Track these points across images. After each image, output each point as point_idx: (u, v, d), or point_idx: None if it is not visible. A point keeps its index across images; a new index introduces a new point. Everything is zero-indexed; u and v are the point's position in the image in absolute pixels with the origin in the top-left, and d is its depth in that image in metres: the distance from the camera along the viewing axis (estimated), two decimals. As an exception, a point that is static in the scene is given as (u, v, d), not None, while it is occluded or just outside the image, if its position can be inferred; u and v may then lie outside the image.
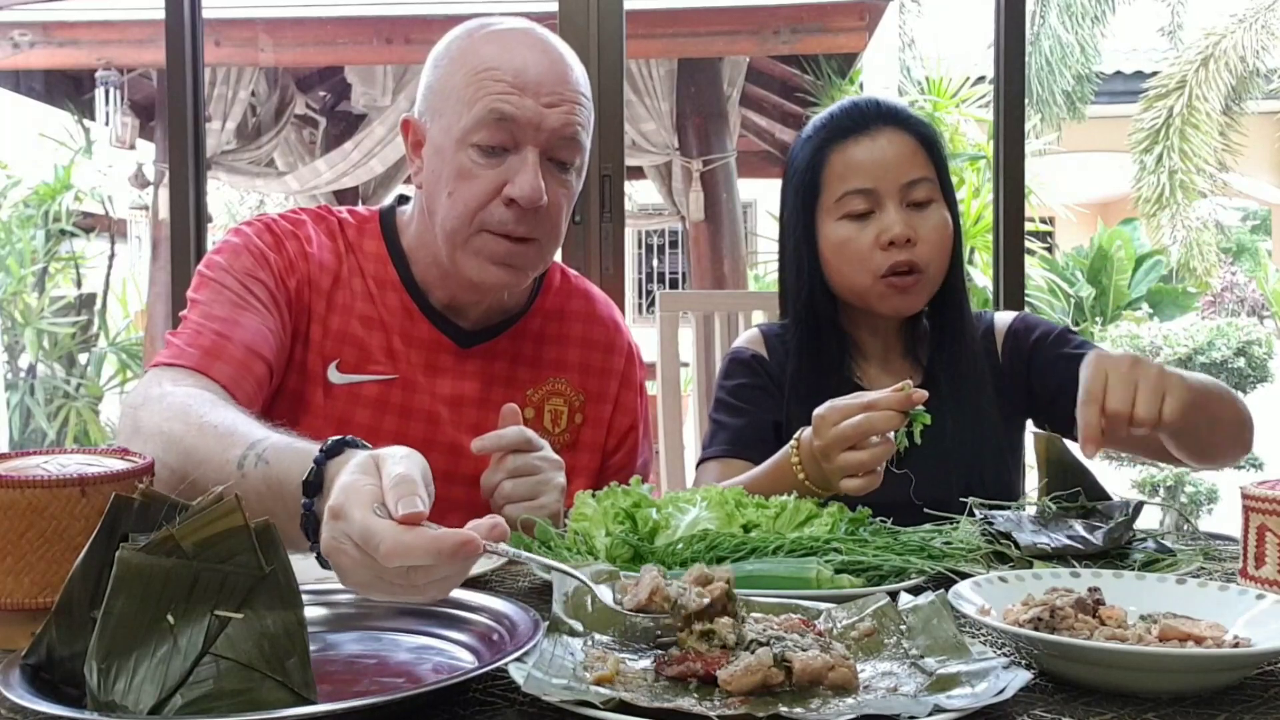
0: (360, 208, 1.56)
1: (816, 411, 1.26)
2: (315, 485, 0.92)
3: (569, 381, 1.55)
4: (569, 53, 1.43)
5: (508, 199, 1.36)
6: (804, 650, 0.75)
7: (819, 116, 1.62)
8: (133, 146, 6.07)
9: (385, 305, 1.47)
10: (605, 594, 0.86)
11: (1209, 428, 1.38)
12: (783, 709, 0.71)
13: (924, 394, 1.21)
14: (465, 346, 1.49)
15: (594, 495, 1.20)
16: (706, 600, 0.81)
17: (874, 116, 1.56)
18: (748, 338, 1.73)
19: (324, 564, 0.89)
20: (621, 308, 2.78)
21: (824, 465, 1.25)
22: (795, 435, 1.33)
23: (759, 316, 2.26)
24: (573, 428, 1.55)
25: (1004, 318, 1.69)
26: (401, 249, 1.49)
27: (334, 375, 1.44)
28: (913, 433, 1.22)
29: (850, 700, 0.73)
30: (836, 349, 1.60)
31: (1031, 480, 1.52)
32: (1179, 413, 1.21)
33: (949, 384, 1.55)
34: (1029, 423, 1.68)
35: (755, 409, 1.60)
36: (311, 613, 0.80)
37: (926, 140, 1.56)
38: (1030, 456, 1.60)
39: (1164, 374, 1.24)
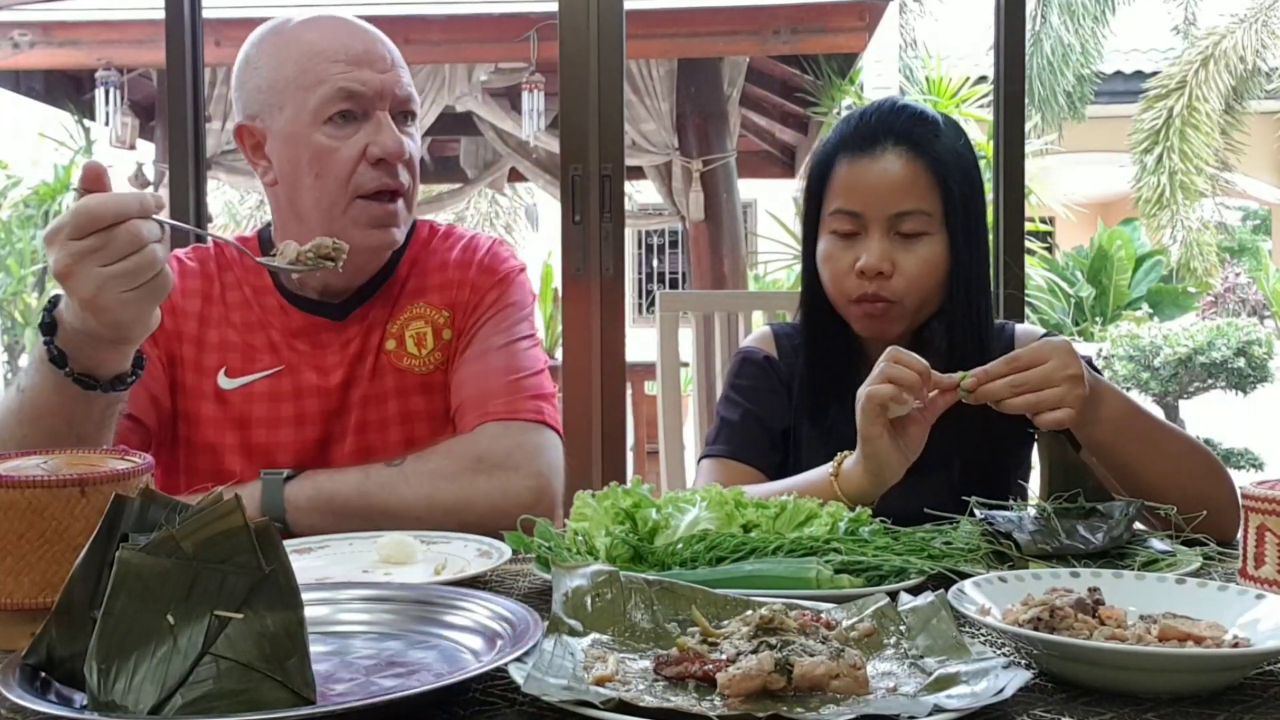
0: (250, 233, 1.66)
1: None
2: (51, 326, 1.17)
3: (429, 303, 1.57)
4: (374, 27, 1.53)
5: (374, 159, 1.45)
6: (812, 655, 0.75)
7: (843, 118, 1.60)
8: (133, 146, 6.07)
9: (263, 307, 1.55)
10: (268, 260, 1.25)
11: (1126, 467, 1.35)
12: (783, 709, 0.71)
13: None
14: (342, 319, 1.55)
15: (594, 496, 1.20)
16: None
17: (885, 132, 1.49)
18: (759, 337, 1.70)
19: (85, 384, 1.19)
20: (621, 308, 2.79)
21: (860, 409, 1.30)
22: (836, 459, 1.36)
23: (759, 316, 2.26)
24: (442, 344, 1.55)
25: (1030, 330, 1.65)
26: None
27: (224, 381, 1.52)
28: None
29: (850, 700, 0.73)
30: (844, 356, 1.58)
31: (1032, 479, 1.52)
32: (1053, 424, 1.26)
33: (957, 403, 1.53)
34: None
35: (762, 412, 1.59)
36: (312, 613, 0.79)
37: (936, 166, 1.48)
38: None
39: (1090, 394, 1.27)
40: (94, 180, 1.11)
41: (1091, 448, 1.36)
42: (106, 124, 5.76)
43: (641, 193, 7.44)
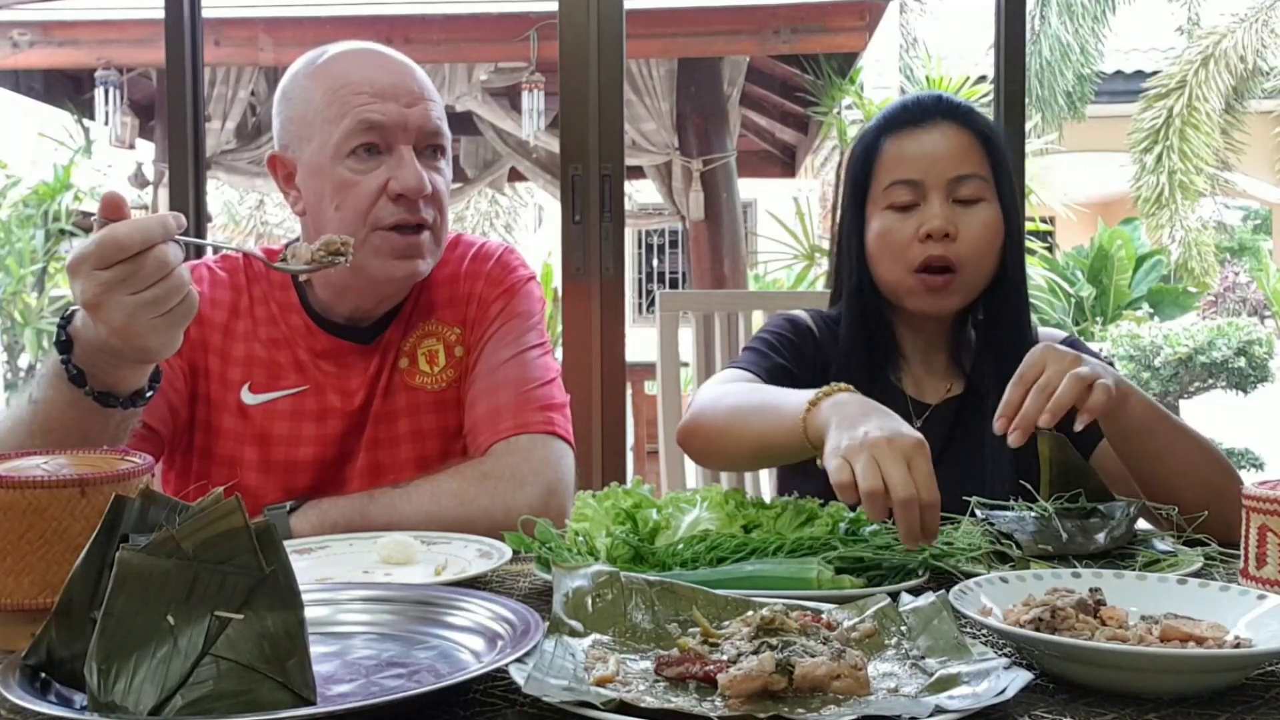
0: (280, 245, 1.65)
1: (863, 437, 1.10)
2: (67, 343, 1.15)
3: (440, 319, 1.56)
4: (409, 60, 1.51)
5: (394, 194, 1.43)
6: (813, 656, 0.75)
7: (882, 110, 1.62)
8: (132, 146, 6.07)
9: (289, 325, 1.53)
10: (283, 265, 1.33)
11: (1156, 456, 1.34)
12: (784, 710, 0.71)
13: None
14: (368, 343, 1.54)
15: (594, 496, 1.20)
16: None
17: (933, 110, 1.54)
18: (802, 314, 1.66)
19: (104, 401, 1.16)
20: (621, 308, 2.78)
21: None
22: (823, 391, 1.21)
23: (759, 316, 2.25)
24: (454, 361, 1.55)
25: (1052, 334, 1.65)
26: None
27: (247, 397, 1.51)
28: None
29: (852, 701, 0.73)
30: (884, 350, 1.58)
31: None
32: (1103, 403, 1.20)
33: (994, 396, 1.51)
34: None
35: (788, 363, 1.55)
36: (312, 613, 0.79)
37: (984, 137, 1.54)
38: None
39: (1099, 375, 1.22)
40: (114, 209, 1.08)
41: (1121, 435, 1.35)
42: (106, 123, 5.76)
43: (641, 193, 7.44)
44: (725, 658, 0.77)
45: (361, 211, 1.43)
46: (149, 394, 1.23)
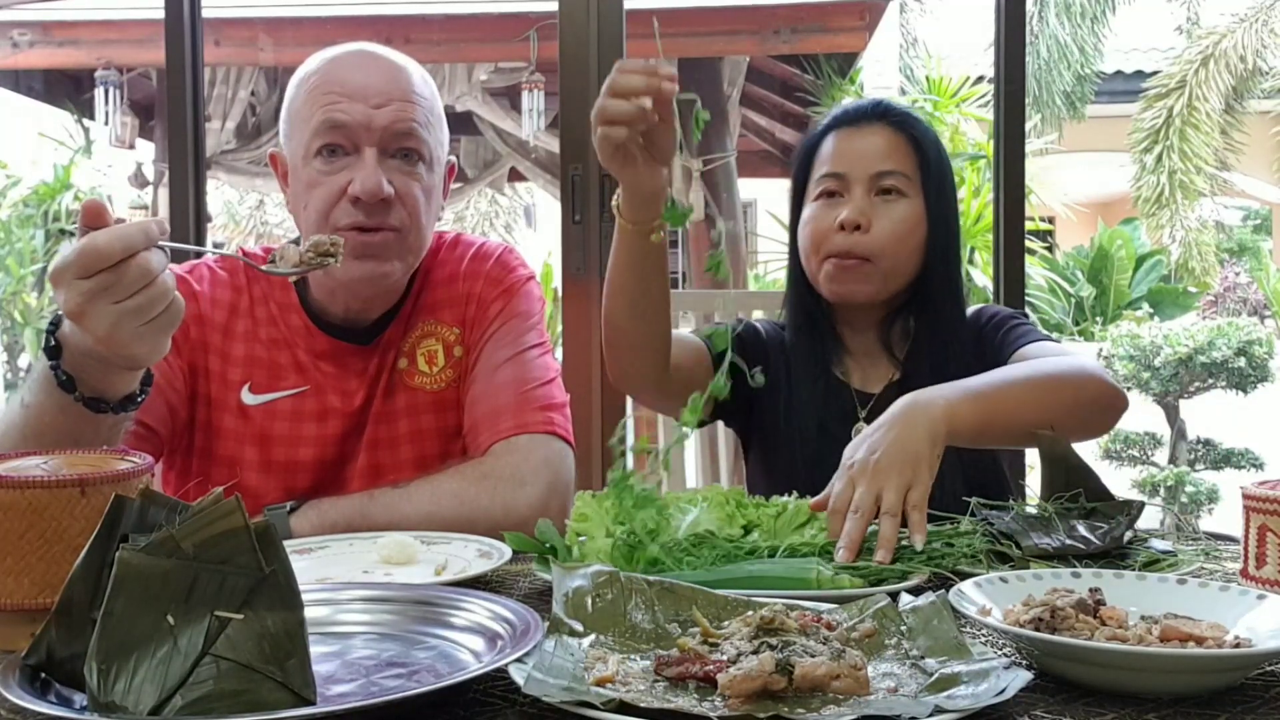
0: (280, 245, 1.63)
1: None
2: (56, 349, 1.13)
3: (440, 320, 1.56)
4: (404, 61, 1.50)
5: (352, 197, 1.42)
6: (813, 656, 0.75)
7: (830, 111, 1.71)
8: (132, 146, 6.07)
9: (288, 325, 1.53)
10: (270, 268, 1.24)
11: (1010, 431, 1.36)
12: (784, 710, 0.71)
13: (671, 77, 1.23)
14: (367, 344, 1.54)
15: (594, 496, 1.20)
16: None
17: (870, 113, 1.63)
18: (754, 317, 1.77)
19: (94, 406, 1.15)
20: (622, 308, 2.78)
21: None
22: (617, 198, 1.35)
23: (759, 316, 2.25)
24: (454, 362, 1.55)
25: (988, 311, 1.70)
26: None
27: (248, 397, 1.51)
28: (696, 124, 1.27)
29: (852, 701, 0.73)
30: (822, 342, 1.64)
31: (1033, 479, 1.52)
32: (921, 522, 1.16)
33: (930, 384, 1.54)
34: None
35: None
36: (312, 613, 0.79)
37: (915, 139, 1.60)
38: (1029, 454, 1.60)
39: (907, 483, 1.18)
40: (95, 216, 1.05)
41: (976, 443, 1.39)
42: (106, 123, 5.76)
43: (641, 193, 7.42)
44: (725, 658, 0.77)
45: (323, 213, 1.43)
46: (140, 398, 1.22)
